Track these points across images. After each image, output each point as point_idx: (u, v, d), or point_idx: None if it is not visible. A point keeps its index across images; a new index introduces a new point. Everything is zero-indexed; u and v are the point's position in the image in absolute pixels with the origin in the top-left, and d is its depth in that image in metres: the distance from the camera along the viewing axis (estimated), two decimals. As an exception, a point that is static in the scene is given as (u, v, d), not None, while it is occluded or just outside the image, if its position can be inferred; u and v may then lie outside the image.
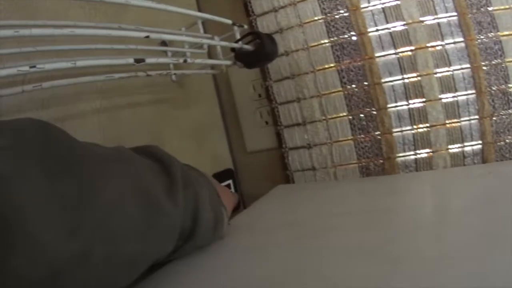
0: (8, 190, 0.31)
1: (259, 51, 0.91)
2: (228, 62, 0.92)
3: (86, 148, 0.44)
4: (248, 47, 0.91)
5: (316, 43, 1.06)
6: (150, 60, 0.68)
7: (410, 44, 0.96)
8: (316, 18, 1.05)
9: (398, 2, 0.96)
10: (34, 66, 0.50)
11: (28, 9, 0.69)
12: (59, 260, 0.33)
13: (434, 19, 0.94)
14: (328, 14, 1.03)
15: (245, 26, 0.96)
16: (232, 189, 1.24)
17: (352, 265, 0.51)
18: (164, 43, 0.97)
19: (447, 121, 0.95)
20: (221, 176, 1.20)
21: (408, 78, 0.97)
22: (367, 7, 0.99)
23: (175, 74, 0.94)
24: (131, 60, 0.64)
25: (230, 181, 1.23)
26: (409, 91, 0.98)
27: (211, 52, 1.09)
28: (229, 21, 0.90)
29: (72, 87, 0.74)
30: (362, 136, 1.04)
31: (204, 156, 1.16)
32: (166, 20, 1.01)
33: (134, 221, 0.45)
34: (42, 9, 0.72)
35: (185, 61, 0.78)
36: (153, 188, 0.51)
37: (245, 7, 1.16)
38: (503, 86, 0.90)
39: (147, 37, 0.65)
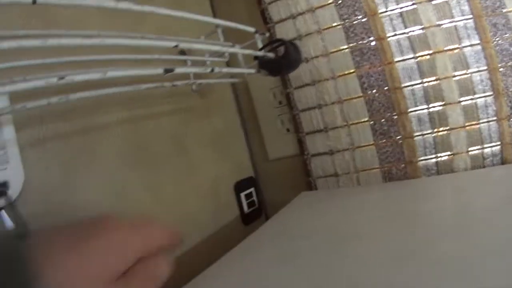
0: None
1: (284, 59, 0.97)
2: (252, 71, 0.98)
3: None
4: (271, 54, 0.98)
5: (335, 49, 1.13)
6: (179, 69, 0.73)
7: (429, 48, 1.03)
8: (334, 24, 1.12)
9: (415, 7, 1.03)
10: (63, 78, 0.52)
11: (47, 18, 0.75)
12: None
13: (450, 22, 1.01)
14: (347, 20, 1.11)
15: (267, 34, 1.04)
16: (254, 197, 1.31)
17: (393, 270, 0.56)
18: (183, 52, 1.05)
19: (466, 124, 1.02)
20: (243, 184, 1.27)
21: (427, 82, 1.04)
22: (385, 12, 1.06)
23: (200, 83, 1.00)
24: (160, 70, 0.68)
25: (252, 189, 1.31)
26: (429, 95, 1.04)
27: (230, 61, 1.16)
28: (252, 29, 0.97)
29: (93, 99, 0.80)
30: (384, 141, 1.11)
31: (226, 164, 1.23)
32: (182, 30, 1.08)
33: None
34: (60, 18, 0.78)
35: (212, 70, 0.83)
36: None
37: (262, 14, 1.23)
38: (520, 87, 0.97)
39: (176, 46, 0.70)
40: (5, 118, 0.63)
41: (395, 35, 1.07)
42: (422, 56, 1.05)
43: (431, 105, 1.05)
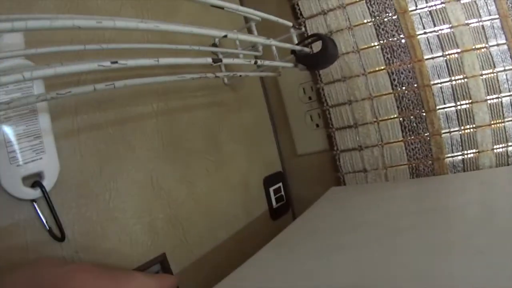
0: None
1: (321, 53, 1.00)
2: (290, 64, 1.02)
3: None
4: (307, 49, 1.02)
5: (366, 46, 1.18)
6: (226, 60, 0.76)
7: (457, 46, 1.07)
8: (365, 21, 1.17)
9: (444, 5, 1.07)
10: (116, 62, 0.53)
11: (80, 8, 0.78)
12: None
13: (478, 22, 1.05)
14: (377, 17, 1.15)
15: (303, 29, 1.07)
16: (282, 192, 1.36)
17: (434, 261, 0.58)
18: (214, 45, 1.09)
19: (492, 122, 1.05)
20: (271, 179, 1.32)
21: (455, 80, 1.08)
22: (415, 10, 1.11)
23: (232, 76, 1.03)
24: (209, 60, 0.72)
25: (280, 184, 1.35)
26: (456, 93, 1.08)
27: (263, 55, 1.13)
28: (290, 23, 1.00)
29: (129, 90, 0.85)
30: (412, 137, 1.15)
31: (256, 159, 1.28)
32: (213, 23, 1.13)
33: None
34: (93, 8, 0.82)
35: (255, 62, 0.86)
36: None
37: (292, 9, 1.28)
38: (544, 86, 1.01)
39: (225, 36, 0.73)
40: (42, 106, 0.65)
41: (425, 33, 1.11)
42: (450, 54, 1.08)
43: (458, 103, 1.09)
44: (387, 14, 1.15)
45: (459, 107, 1.09)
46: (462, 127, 1.10)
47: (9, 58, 0.56)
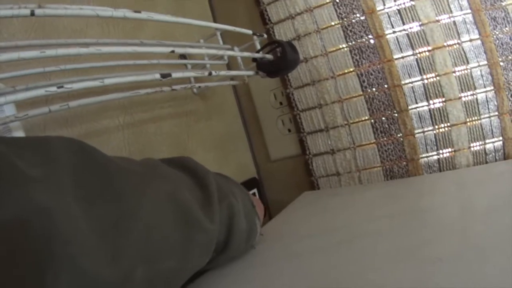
0: (49, 220, 0.32)
1: (281, 60, 0.93)
2: (251, 73, 0.94)
3: (120, 168, 0.46)
4: (269, 56, 0.94)
5: (334, 48, 1.09)
6: (176, 74, 0.70)
7: (428, 44, 0.99)
8: (333, 23, 1.08)
9: (413, 3, 0.99)
10: (62, 86, 0.51)
11: (46, 28, 0.72)
12: (102, 285, 0.34)
13: (449, 17, 0.96)
14: (345, 19, 1.07)
15: (265, 36, 0.99)
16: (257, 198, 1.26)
17: (393, 269, 0.53)
18: (183, 56, 1.00)
19: (467, 119, 0.97)
20: (246, 185, 1.22)
21: (427, 78, 1.00)
22: (383, 9, 1.02)
23: (199, 86, 0.97)
24: (157, 76, 0.65)
25: (255, 190, 1.26)
26: (429, 92, 1.00)
27: (230, 63, 1.12)
28: (250, 32, 0.92)
29: (96, 105, 0.78)
30: (385, 139, 1.07)
31: (229, 166, 1.19)
32: (183, 33, 1.05)
33: (173, 240, 0.47)
34: (60, 27, 0.75)
35: (210, 73, 0.79)
36: (190, 205, 0.52)
37: (261, 15, 1.19)
38: (521, 81, 0.93)
39: (173, 51, 0.67)
40: (15, 124, 0.60)
41: (394, 32, 1.03)
42: (421, 52, 1.00)
43: (431, 102, 1.01)
44: (355, 15, 1.06)
45: (432, 106, 1.01)
46: (436, 126, 1.01)
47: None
